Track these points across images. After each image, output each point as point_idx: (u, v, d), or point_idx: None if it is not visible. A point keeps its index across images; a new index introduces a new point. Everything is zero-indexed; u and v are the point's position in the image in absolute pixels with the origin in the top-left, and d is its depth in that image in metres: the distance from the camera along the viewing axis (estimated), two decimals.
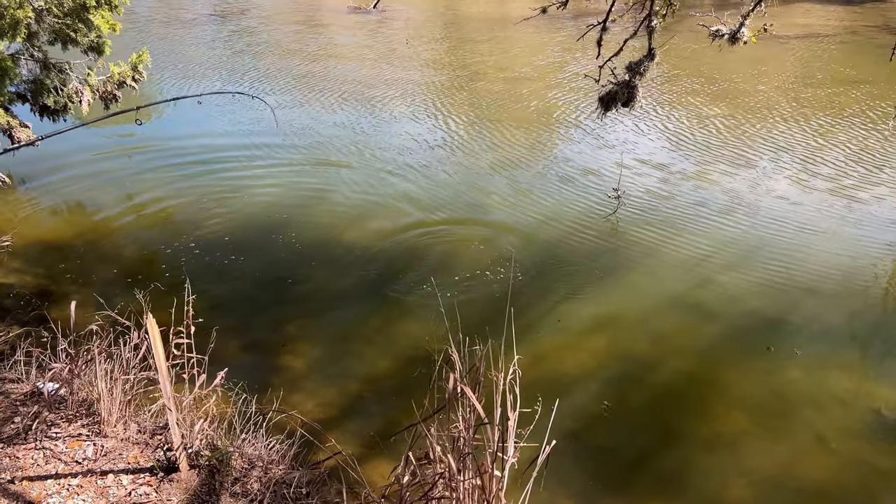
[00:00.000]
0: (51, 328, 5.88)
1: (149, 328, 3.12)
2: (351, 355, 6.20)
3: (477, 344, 5.18)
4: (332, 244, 8.06)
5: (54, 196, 9.23)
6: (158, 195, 9.37)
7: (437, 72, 15.97)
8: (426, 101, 13.60)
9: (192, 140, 11.39)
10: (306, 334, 6.53)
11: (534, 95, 13.91)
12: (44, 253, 7.63)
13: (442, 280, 7.20)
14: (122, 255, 7.86)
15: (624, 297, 6.90)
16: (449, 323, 6.54)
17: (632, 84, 6.83)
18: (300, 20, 23.06)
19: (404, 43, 19.27)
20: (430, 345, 6.36)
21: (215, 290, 7.09)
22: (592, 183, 9.63)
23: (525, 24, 21.81)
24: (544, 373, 5.85)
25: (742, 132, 11.70)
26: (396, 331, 6.56)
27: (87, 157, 10.46)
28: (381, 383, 5.86)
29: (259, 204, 9.08)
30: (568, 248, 7.81)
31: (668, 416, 5.52)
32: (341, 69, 16.14)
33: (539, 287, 7.11)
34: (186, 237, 8.11)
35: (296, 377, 5.85)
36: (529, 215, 8.63)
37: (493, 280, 7.22)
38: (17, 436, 3.56)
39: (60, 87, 8.71)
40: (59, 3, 7.50)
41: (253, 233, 8.28)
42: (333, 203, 9.11)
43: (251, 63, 16.66)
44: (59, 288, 6.96)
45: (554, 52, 17.90)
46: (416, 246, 8.00)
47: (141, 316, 4.07)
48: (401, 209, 8.93)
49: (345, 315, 6.83)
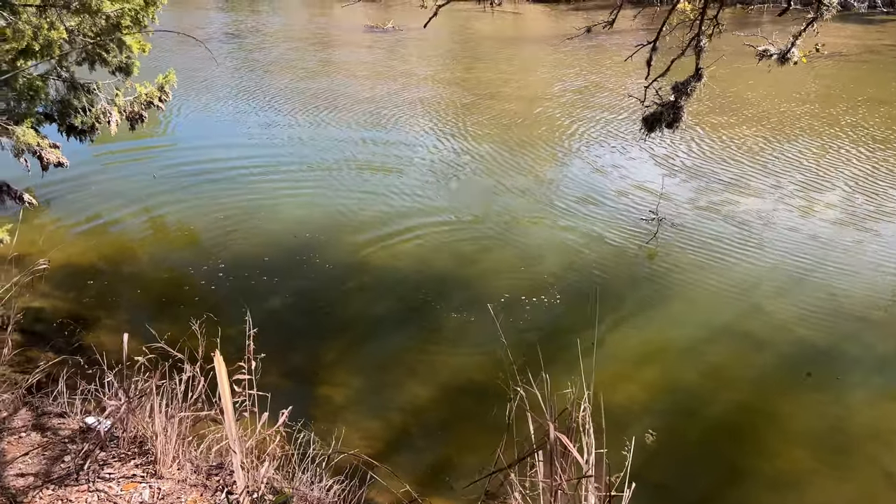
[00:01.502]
0: (88, 356, 5.76)
1: (216, 366, 2.95)
2: (391, 386, 6.00)
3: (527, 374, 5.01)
4: (364, 266, 7.89)
5: (79, 217, 9.10)
6: (184, 215, 9.24)
7: (457, 91, 15.88)
8: (449, 121, 13.50)
9: (215, 159, 11.29)
10: (344, 362, 6.34)
11: (557, 115, 13.81)
12: (72, 276, 7.47)
13: (481, 306, 7.01)
14: (150, 278, 7.70)
15: (669, 326, 6.70)
16: (494, 352, 6.39)
17: (678, 105, 6.69)
18: (315, 39, 23.13)
19: (422, 61, 19.26)
20: (474, 374, 6.20)
21: (243, 316, 6.90)
22: (628, 206, 9.44)
23: (541, 43, 21.84)
24: (594, 405, 5.64)
25: (776, 154, 11.54)
26: (437, 359, 6.36)
27: (111, 177, 10.35)
28: (425, 415, 5.65)
29: (285, 224, 8.93)
30: (608, 274, 7.61)
31: (726, 452, 5.29)
32: (358, 87, 16.09)
33: (581, 314, 6.90)
34: (214, 259, 7.95)
35: (337, 409, 5.65)
36: (566, 239, 8.45)
37: (533, 306, 7.03)
38: (68, 476, 3.38)
39: (88, 107, 8.63)
40: (92, 23, 7.41)
41: (281, 254, 8.12)
42: (361, 224, 8.95)
43: (267, 81, 16.63)
44: (91, 313, 6.79)
45: (573, 72, 17.83)
46: (451, 270, 7.83)
47: (194, 348, 3.91)
48: (432, 232, 8.77)
49: (382, 342, 6.64)
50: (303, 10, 29.95)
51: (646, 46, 6.17)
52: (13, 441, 3.71)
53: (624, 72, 17.79)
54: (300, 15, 28.78)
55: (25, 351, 5.52)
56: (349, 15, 28.17)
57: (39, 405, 4.18)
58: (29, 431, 3.81)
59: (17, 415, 4.03)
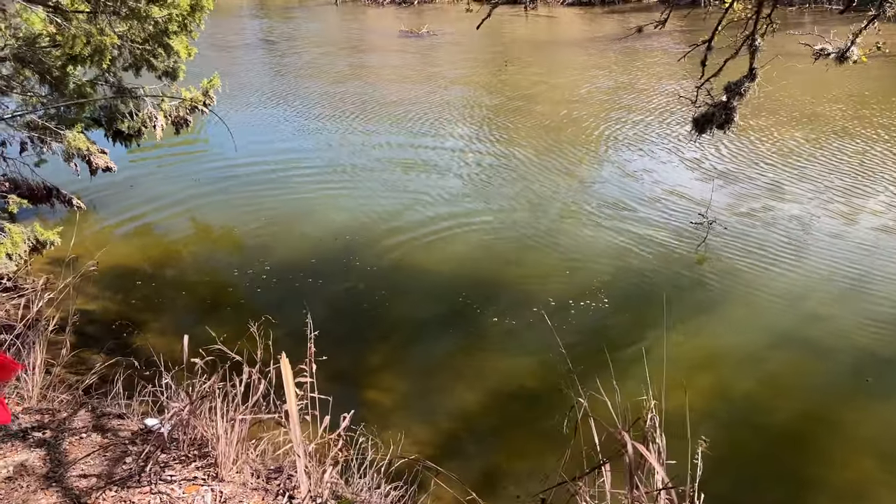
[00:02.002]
0: (140, 358, 5.79)
1: (283, 369, 2.91)
2: (439, 390, 5.93)
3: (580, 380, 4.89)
4: (404, 268, 7.85)
5: (124, 220, 9.22)
6: (225, 217, 9.31)
7: (493, 94, 15.80)
8: (486, 123, 13.43)
9: (254, 162, 11.37)
10: (390, 366, 6.28)
11: (594, 117, 13.65)
12: (120, 278, 7.55)
13: (525, 310, 6.92)
14: (195, 280, 7.76)
15: (723, 332, 6.51)
16: (543, 356, 6.29)
17: (730, 105, 6.53)
18: (350, 44, 23.27)
19: (458, 65, 19.23)
20: (523, 380, 6.10)
21: (292, 318, 6.89)
22: (673, 209, 9.25)
23: (576, 46, 21.67)
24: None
25: (829, 155, 11.22)
26: (484, 364, 6.27)
27: (156, 180, 10.49)
28: (474, 421, 5.56)
29: (325, 226, 8.93)
30: (656, 279, 7.44)
31: (790, 462, 5.10)
32: (395, 91, 16.11)
33: (630, 319, 6.77)
34: (256, 261, 7.97)
35: (385, 413, 5.59)
36: (611, 242, 8.30)
37: (580, 310, 6.90)
38: (130, 478, 3.37)
39: (135, 112, 8.75)
40: (141, 29, 7.50)
41: (322, 257, 8.11)
42: (400, 226, 8.91)
43: (302, 85, 16.75)
44: (139, 315, 6.85)
45: (609, 74, 17.64)
46: (494, 272, 7.73)
47: (250, 350, 3.89)
48: (473, 234, 8.70)
49: (427, 345, 6.58)
50: (337, 16, 30.20)
51: (699, 46, 6.02)
52: (75, 442, 3.72)
53: (657, 73, 17.55)
54: (334, 21, 29.02)
55: (79, 352, 5.56)
56: (382, 20, 28.34)
57: (98, 406, 4.20)
58: (89, 432, 3.82)
59: (76, 416, 4.05)
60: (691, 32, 21.25)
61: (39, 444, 3.73)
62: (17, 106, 8.22)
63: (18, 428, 3.89)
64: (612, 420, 3.66)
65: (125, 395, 4.37)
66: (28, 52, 7.49)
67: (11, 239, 7.04)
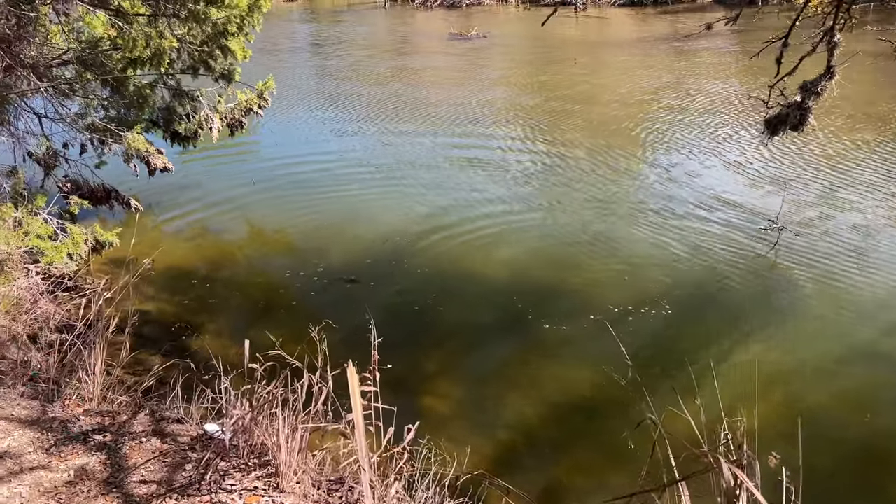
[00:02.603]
0: (197, 360, 5.78)
1: (349, 378, 2.78)
2: (494, 399, 5.75)
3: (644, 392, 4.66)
4: (455, 272, 7.69)
5: (180, 221, 9.32)
6: (279, 219, 9.32)
7: (545, 95, 15.55)
8: (539, 126, 13.18)
9: (306, 163, 11.41)
10: (444, 373, 6.13)
11: (652, 118, 13.28)
12: (175, 279, 7.60)
13: (582, 317, 6.69)
14: (250, 281, 7.75)
15: (797, 344, 6.16)
16: (602, 366, 6.05)
17: (805, 105, 6.18)
18: (400, 48, 23.32)
19: (511, 67, 19.04)
20: (582, 390, 5.87)
21: (346, 322, 6.81)
22: (740, 213, 8.84)
23: (627, 47, 21.24)
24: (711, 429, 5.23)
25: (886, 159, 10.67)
26: (541, 372, 6.06)
27: (210, 181, 10.59)
28: (531, 433, 5.36)
29: (376, 228, 8.83)
30: (723, 286, 7.12)
31: (877, 481, 4.76)
32: (447, 92, 16.01)
33: (696, 328, 6.48)
34: (308, 263, 7.93)
35: (441, 421, 5.44)
36: (673, 247, 7.99)
37: (641, 318, 6.64)
38: (190, 486, 3.29)
39: (192, 114, 8.82)
40: (200, 30, 7.54)
41: (373, 259, 8.02)
42: (450, 229, 8.76)
43: (353, 88, 16.80)
44: (194, 317, 6.87)
45: (662, 74, 17.19)
46: (548, 277, 7.51)
47: (309, 354, 3.79)
48: (526, 236, 8.49)
49: (481, 353, 6.41)
50: (385, 19, 30.33)
51: (775, 43, 5.71)
52: (135, 447, 3.68)
53: (713, 74, 17.03)
54: (383, 24, 29.15)
55: (137, 353, 5.56)
56: (431, 23, 28.34)
57: (157, 410, 4.16)
58: (149, 437, 3.78)
59: (136, 419, 4.01)
60: (744, 32, 20.63)
61: (100, 447, 3.70)
62: (79, 108, 8.38)
63: (79, 430, 3.88)
64: (682, 435, 3.45)
65: (183, 398, 4.33)
66: (90, 56, 7.61)
67: (72, 239, 7.16)
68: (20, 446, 3.73)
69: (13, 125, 8.21)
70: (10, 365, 4.71)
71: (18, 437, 3.82)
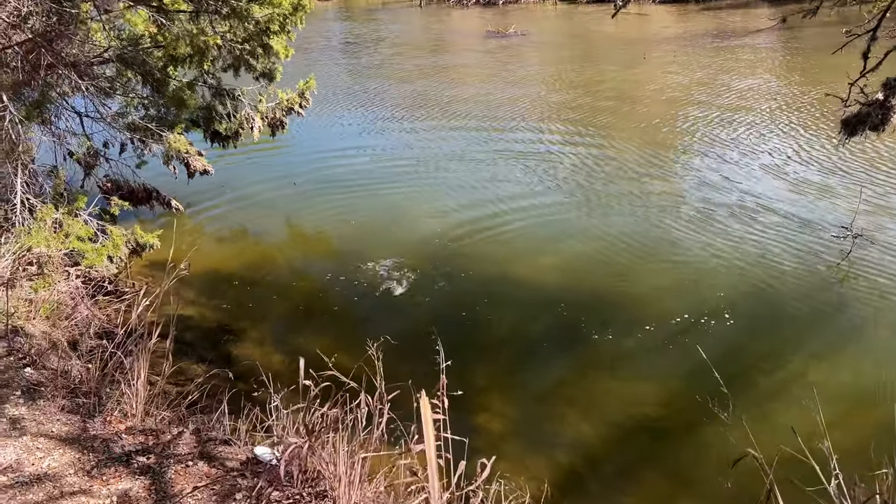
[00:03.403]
0: (242, 370, 5.55)
1: (422, 409, 2.49)
2: (551, 417, 5.41)
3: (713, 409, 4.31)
4: (507, 279, 7.36)
5: (219, 223, 9.15)
6: (319, 221, 9.10)
7: (591, 94, 15.11)
8: (591, 125, 12.75)
9: (345, 164, 11.18)
10: (497, 388, 5.81)
11: (712, 118, 12.77)
12: (215, 283, 7.41)
13: (640, 329, 6.32)
14: (290, 285, 7.52)
15: (883, 362, 5.71)
16: (665, 382, 5.68)
17: (888, 104, 5.72)
18: (437, 46, 23.04)
19: (553, 64, 18.64)
20: (644, 407, 5.51)
21: (388, 329, 6.53)
22: (809, 218, 8.33)
23: (665, 44, 20.66)
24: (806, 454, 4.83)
25: None
26: (597, 388, 5.71)
27: (248, 181, 10.42)
28: (593, 455, 5.01)
29: (419, 232, 8.56)
30: (792, 297, 6.67)
31: None
32: (487, 91, 15.67)
33: (762, 342, 6.06)
34: (350, 268, 7.67)
35: (496, 441, 5.12)
36: (736, 254, 7.54)
37: (703, 331, 6.24)
38: None
39: (233, 113, 8.63)
40: (243, 28, 7.33)
41: (417, 265, 7.73)
42: (498, 235, 8.43)
43: (392, 87, 16.56)
44: (235, 322, 6.66)
45: (707, 73, 16.62)
46: (604, 287, 7.14)
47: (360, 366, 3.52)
48: (577, 242, 8.12)
49: (535, 366, 6.07)
50: (420, 17, 30.08)
51: (862, 35, 5.26)
52: (180, 471, 3.43)
53: (768, 72, 16.43)
54: (418, 22, 28.90)
55: (176, 362, 5.34)
56: (467, 21, 28.02)
57: (203, 429, 3.91)
58: (195, 460, 3.53)
59: (181, 438, 3.77)
60: (790, 29, 19.92)
61: (143, 470, 3.46)
62: (119, 107, 8.24)
63: (122, 450, 3.65)
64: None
65: (229, 414, 4.07)
66: (131, 53, 7.45)
67: (113, 241, 7.00)
68: (60, 467, 3.51)
69: (54, 124, 8.10)
70: (50, 375, 4.52)
71: (58, 456, 3.61)
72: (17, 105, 6.67)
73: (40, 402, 4.21)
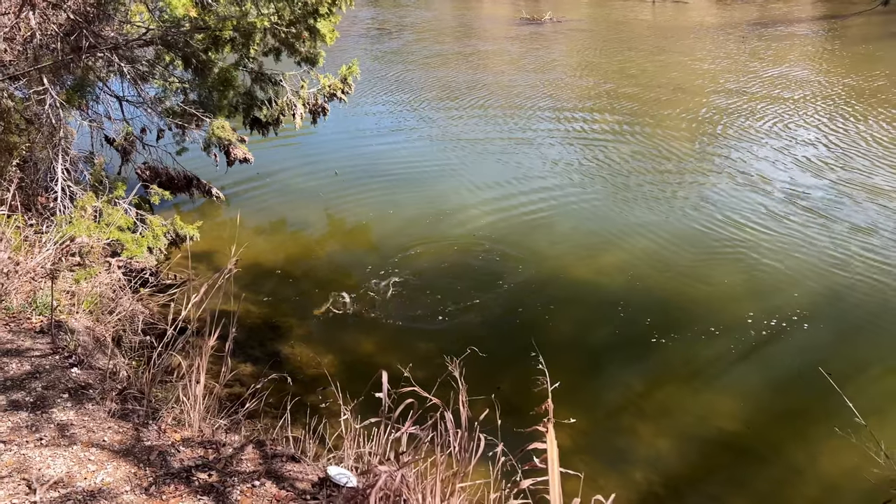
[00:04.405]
0: (295, 373, 5.25)
1: (548, 440, 2.16)
2: (621, 431, 5.06)
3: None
4: (565, 281, 6.99)
5: (258, 213, 8.86)
6: (359, 212, 8.77)
7: (638, 85, 14.60)
8: (639, 117, 12.29)
9: (385, 154, 10.84)
10: (561, 395, 5.41)
11: (762, 110, 12.27)
12: (259, 278, 7.11)
13: (712, 333, 5.93)
14: (333, 280, 7.19)
15: None
16: (740, 393, 5.30)
17: None
18: (468, 33, 22.56)
19: (594, 52, 18.12)
20: (722, 422, 5.13)
21: (437, 332, 6.21)
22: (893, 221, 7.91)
23: (706, 33, 20.04)
24: None
25: None
26: (670, 400, 5.34)
27: (291, 172, 10.11)
28: (673, 475, 4.65)
29: (466, 228, 8.20)
30: (877, 305, 6.25)
31: None
32: (522, 81, 15.24)
33: (851, 354, 5.63)
34: (396, 264, 7.35)
35: (565, 455, 4.73)
36: (818, 254, 7.11)
37: (780, 338, 5.83)
38: None
39: (274, 99, 8.32)
40: (290, 10, 6.99)
41: (464, 263, 7.39)
42: (552, 233, 8.04)
43: (429, 75, 16.17)
44: (281, 319, 6.36)
45: (753, 62, 16.03)
46: (670, 288, 6.74)
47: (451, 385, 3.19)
48: (639, 240, 7.71)
49: (603, 373, 5.71)
50: (448, 3, 29.56)
51: None
52: (247, 491, 3.12)
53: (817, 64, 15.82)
54: (446, 9, 28.40)
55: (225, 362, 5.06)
56: (498, 7, 27.46)
57: (265, 441, 3.60)
58: (262, 479, 3.22)
59: (243, 453, 3.46)
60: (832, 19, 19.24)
61: (206, 489, 3.16)
62: (157, 91, 7.95)
63: (180, 465, 3.35)
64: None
65: (291, 423, 3.76)
66: (174, 36, 7.15)
67: (153, 232, 6.73)
68: (115, 483, 3.22)
69: (92, 108, 7.85)
70: (97, 376, 4.24)
71: (112, 469, 3.32)
72: (57, 88, 6.40)
73: (88, 405, 3.93)
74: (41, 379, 4.11)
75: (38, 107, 5.94)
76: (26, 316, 4.90)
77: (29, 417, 3.69)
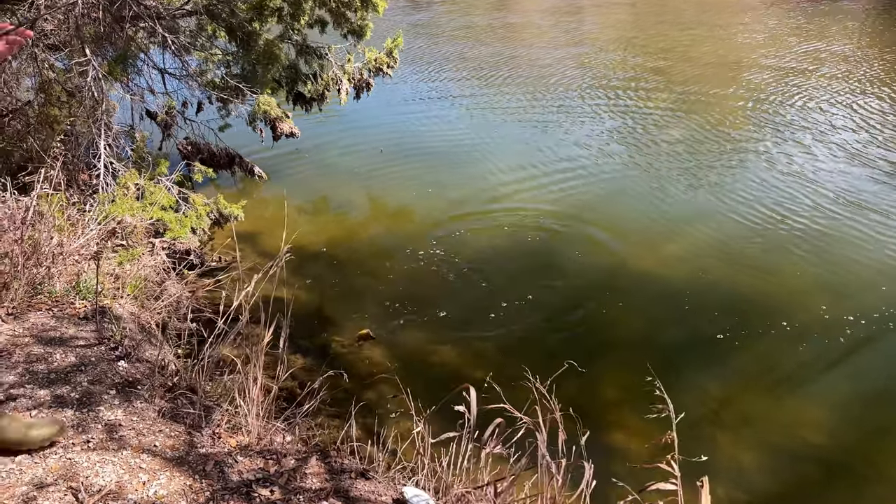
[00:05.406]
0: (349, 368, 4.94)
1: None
2: (699, 440, 4.65)
3: None
4: (625, 273, 6.57)
5: (300, 191, 8.56)
6: (403, 195, 8.40)
7: (691, 62, 13.95)
8: (694, 97, 11.69)
9: (427, 128, 10.45)
10: (629, 401, 5.07)
11: (812, 89, 11.59)
12: (304, 263, 6.80)
13: (793, 335, 5.49)
14: (380, 266, 6.86)
15: None
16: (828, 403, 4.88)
17: None
18: (502, 5, 21.89)
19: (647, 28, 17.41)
20: (812, 435, 4.73)
21: (483, 330, 5.83)
22: None
23: (756, 9, 19.17)
24: None
25: None
26: (751, 408, 4.93)
27: (330, 148, 9.78)
28: (755, 489, 4.27)
29: (519, 214, 7.79)
30: None
31: None
32: (560, 54, 14.65)
33: None
34: (440, 248, 6.99)
35: (635, 468, 4.41)
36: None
37: (869, 343, 5.37)
38: None
39: (319, 73, 7.95)
40: None
41: (516, 248, 7.02)
42: (608, 220, 7.59)
43: (470, 50, 15.65)
44: (329, 307, 6.06)
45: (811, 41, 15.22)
46: (743, 281, 6.27)
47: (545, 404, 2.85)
48: (702, 232, 7.23)
49: (674, 376, 5.28)
50: None
51: None
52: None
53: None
54: None
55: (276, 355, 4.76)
56: None
57: (329, 454, 3.30)
58: (330, 497, 2.91)
59: (307, 465, 3.16)
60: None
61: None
62: (198, 64, 7.63)
63: (239, 478, 3.05)
64: None
65: (358, 426, 3.45)
66: (219, 5, 6.80)
67: (196, 211, 6.45)
68: (169, 496, 2.93)
69: (133, 80, 7.55)
70: (145, 370, 3.97)
71: (166, 481, 3.04)
72: (99, 60, 6.10)
73: (137, 403, 3.65)
74: (87, 372, 3.85)
75: (79, 79, 5.65)
76: (69, 300, 4.65)
77: (75, 416, 3.42)
